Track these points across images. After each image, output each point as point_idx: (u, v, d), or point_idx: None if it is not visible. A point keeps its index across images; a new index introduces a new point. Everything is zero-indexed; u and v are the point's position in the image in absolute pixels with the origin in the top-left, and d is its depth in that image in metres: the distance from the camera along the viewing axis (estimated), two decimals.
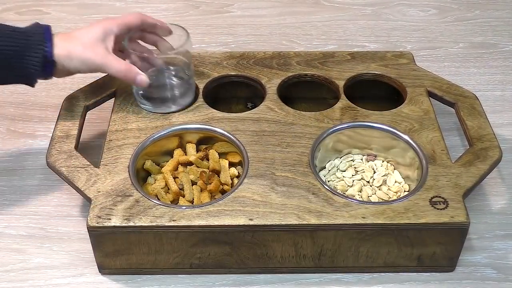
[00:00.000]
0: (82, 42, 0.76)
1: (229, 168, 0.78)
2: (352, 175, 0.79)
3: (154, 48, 0.84)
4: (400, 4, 1.21)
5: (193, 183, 0.76)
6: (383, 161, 0.81)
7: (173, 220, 0.68)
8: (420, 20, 1.17)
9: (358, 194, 0.77)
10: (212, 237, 0.69)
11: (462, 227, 0.69)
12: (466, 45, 1.10)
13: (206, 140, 0.80)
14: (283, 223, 0.68)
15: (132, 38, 0.80)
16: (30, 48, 0.73)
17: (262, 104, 0.83)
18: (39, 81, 0.77)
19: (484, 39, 1.12)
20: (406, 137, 0.78)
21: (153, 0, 1.21)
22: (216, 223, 0.68)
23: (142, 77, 0.77)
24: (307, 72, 0.88)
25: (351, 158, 0.81)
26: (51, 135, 0.79)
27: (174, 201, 0.75)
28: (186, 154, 0.80)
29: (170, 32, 0.82)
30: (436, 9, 1.20)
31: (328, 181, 0.79)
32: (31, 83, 0.77)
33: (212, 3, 0.75)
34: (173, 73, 0.83)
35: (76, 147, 0.77)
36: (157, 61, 0.81)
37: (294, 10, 1.19)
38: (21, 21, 1.14)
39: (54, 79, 0.78)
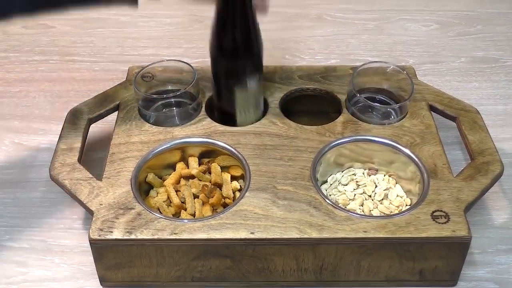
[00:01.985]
0: None
1: (231, 181, 0.78)
2: (354, 189, 0.79)
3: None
4: (402, 19, 1.21)
5: (195, 196, 0.76)
6: (384, 175, 0.80)
7: (174, 233, 0.68)
8: (422, 35, 1.17)
9: (360, 208, 0.76)
10: (213, 250, 0.69)
11: (463, 241, 0.68)
12: (468, 60, 1.10)
13: (208, 154, 0.80)
14: (284, 236, 0.68)
15: None
16: None
17: (264, 118, 0.83)
18: (43, 92, 0.76)
19: (486, 54, 1.11)
20: (407, 151, 0.78)
21: (158, 15, 1.21)
22: (217, 236, 0.68)
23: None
24: (309, 86, 0.88)
25: (353, 172, 0.81)
26: (54, 147, 0.78)
27: (176, 214, 0.75)
28: (188, 168, 0.79)
29: None
30: (438, 24, 1.20)
31: (330, 195, 0.78)
32: (136, 2, 0.73)
33: None
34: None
35: (79, 160, 0.77)
36: None
37: (296, 25, 1.20)
38: (27, 34, 1.15)
39: (57, 91, 0.77)
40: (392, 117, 0.83)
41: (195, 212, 0.74)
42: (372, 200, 0.78)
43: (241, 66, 0.78)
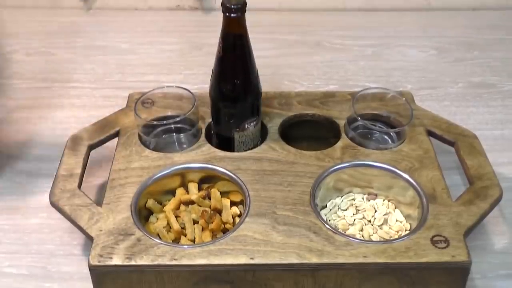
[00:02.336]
0: None
1: (231, 207, 0.78)
2: (353, 214, 0.79)
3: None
4: (400, 45, 1.22)
5: (195, 222, 0.76)
6: (384, 200, 0.81)
7: (174, 259, 0.68)
8: (420, 61, 1.18)
9: (359, 233, 0.76)
10: (213, 276, 0.69)
11: (464, 266, 0.68)
12: (466, 85, 1.11)
13: (208, 179, 0.80)
14: (284, 262, 0.68)
15: None
16: None
17: (263, 143, 0.83)
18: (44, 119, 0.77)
19: (483, 79, 1.12)
20: (406, 176, 0.78)
21: (158, 42, 1.23)
22: (217, 262, 0.68)
23: None
24: (308, 112, 0.89)
25: (352, 197, 0.81)
26: (55, 174, 0.79)
27: (176, 240, 0.75)
28: (188, 193, 0.80)
29: None
30: (436, 49, 1.21)
31: (329, 220, 0.78)
32: None
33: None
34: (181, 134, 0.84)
35: (79, 186, 0.77)
36: None
37: (296, 51, 1.21)
38: (29, 61, 1.16)
39: (58, 117, 0.78)
40: (391, 142, 0.84)
41: (195, 238, 0.74)
42: (372, 225, 0.78)
43: (240, 110, 0.80)
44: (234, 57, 0.77)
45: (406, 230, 0.76)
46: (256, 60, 0.78)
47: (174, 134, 0.84)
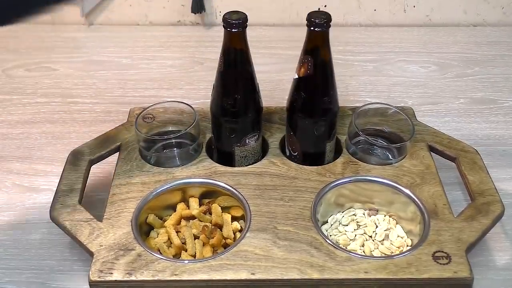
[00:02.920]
0: None
1: (232, 222, 0.78)
2: (354, 230, 0.79)
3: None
4: (401, 61, 1.23)
5: (196, 237, 0.76)
6: (385, 216, 0.81)
7: (175, 274, 0.68)
8: (421, 76, 1.18)
9: (361, 249, 0.76)
10: None
11: (465, 282, 0.68)
12: (467, 101, 1.11)
13: (209, 194, 0.81)
14: (285, 277, 0.68)
15: None
16: None
17: (264, 158, 0.83)
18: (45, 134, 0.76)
19: (484, 95, 1.13)
20: (407, 191, 0.78)
21: (160, 57, 1.23)
22: (218, 277, 0.68)
23: None
24: None
25: (353, 213, 0.81)
26: (55, 189, 0.79)
27: (177, 255, 0.75)
28: (189, 208, 0.80)
29: None
30: (436, 65, 1.22)
31: (330, 235, 0.78)
32: None
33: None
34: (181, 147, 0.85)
35: (80, 201, 0.77)
36: None
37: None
38: (30, 77, 1.17)
39: (58, 132, 0.77)
40: (392, 157, 0.84)
41: (195, 253, 0.74)
42: (373, 240, 0.78)
43: (240, 125, 0.80)
44: (235, 72, 0.77)
45: (407, 246, 0.76)
46: (257, 75, 0.79)
47: (175, 149, 0.84)
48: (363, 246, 0.77)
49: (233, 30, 0.73)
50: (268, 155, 0.84)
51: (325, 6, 1.31)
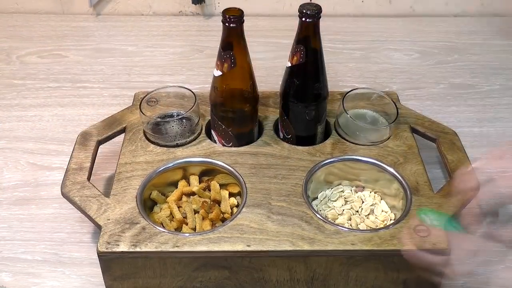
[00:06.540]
0: None
1: (229, 198, 0.78)
2: (342, 205, 0.79)
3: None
4: (387, 49, 1.22)
5: (196, 212, 0.76)
6: (370, 192, 0.81)
7: (176, 246, 0.68)
8: (405, 63, 1.18)
9: (348, 223, 0.76)
10: (212, 262, 0.69)
11: (443, 253, 0.68)
12: (446, 86, 1.11)
13: (208, 172, 0.80)
14: (278, 249, 0.68)
15: None
16: None
17: (259, 139, 0.83)
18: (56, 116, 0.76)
19: (463, 81, 1.12)
20: (391, 169, 0.78)
21: (163, 45, 1.22)
22: (216, 249, 0.68)
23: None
24: None
25: (341, 189, 0.81)
26: (66, 167, 0.79)
27: (178, 229, 0.75)
28: (189, 185, 0.79)
29: None
30: (419, 53, 1.21)
31: (320, 210, 0.78)
32: None
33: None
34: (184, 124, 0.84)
35: (89, 179, 0.77)
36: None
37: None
38: (43, 64, 1.16)
39: (69, 115, 0.77)
40: (377, 138, 0.84)
41: (195, 227, 0.74)
42: (359, 215, 0.78)
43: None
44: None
45: (391, 220, 0.77)
46: (252, 62, 0.78)
47: (177, 129, 0.84)
48: (350, 220, 0.77)
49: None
50: (262, 136, 0.84)
51: None
